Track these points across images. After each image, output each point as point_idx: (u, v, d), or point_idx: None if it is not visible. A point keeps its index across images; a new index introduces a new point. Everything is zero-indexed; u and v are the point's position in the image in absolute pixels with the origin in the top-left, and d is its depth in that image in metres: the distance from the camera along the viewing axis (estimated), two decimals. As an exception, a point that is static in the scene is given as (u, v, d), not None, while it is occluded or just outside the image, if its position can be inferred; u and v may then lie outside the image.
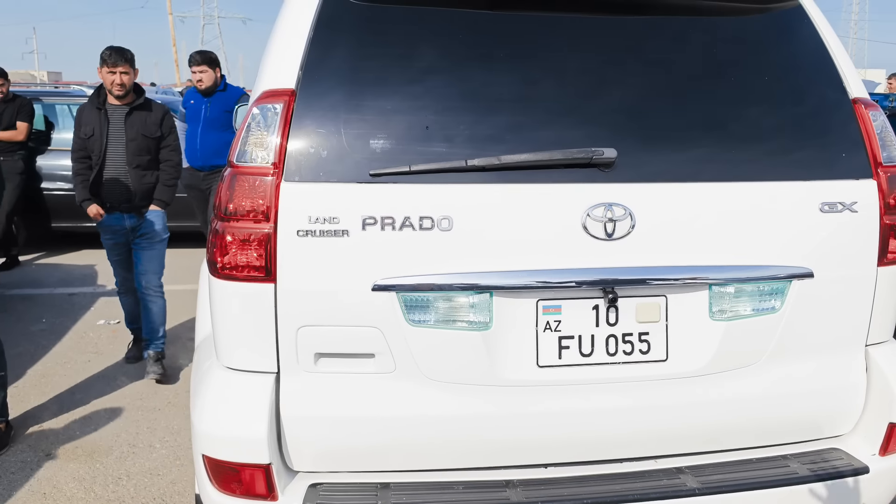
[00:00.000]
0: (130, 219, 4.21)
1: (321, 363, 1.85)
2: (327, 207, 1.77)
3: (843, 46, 2.07)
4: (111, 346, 4.89)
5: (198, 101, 5.82)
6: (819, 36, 2.05)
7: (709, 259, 1.89)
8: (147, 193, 4.22)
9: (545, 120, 1.87)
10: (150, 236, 4.24)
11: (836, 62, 2.03)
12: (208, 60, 5.72)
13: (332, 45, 1.84)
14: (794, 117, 1.98)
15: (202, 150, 5.76)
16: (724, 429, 2.01)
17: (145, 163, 4.17)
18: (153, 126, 4.17)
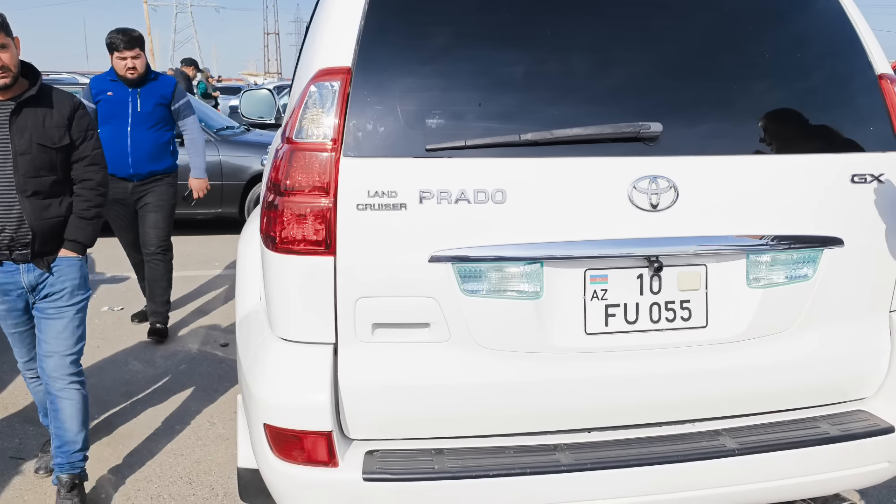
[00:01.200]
0: (28, 272, 2.73)
1: (378, 333, 1.91)
2: (385, 181, 1.82)
3: (867, 24, 2.15)
4: (117, 331, 4.90)
5: (120, 94, 4.48)
6: (846, 14, 2.13)
7: (746, 229, 1.97)
8: (52, 233, 2.74)
9: (594, 95, 1.94)
10: (59, 298, 2.77)
11: (862, 40, 2.11)
12: (139, 42, 4.49)
13: (387, 22, 1.89)
14: (825, 93, 2.07)
15: (134, 154, 4.48)
16: (758, 392, 2.09)
17: (47, 187, 2.70)
18: (56, 130, 2.70)
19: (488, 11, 1.95)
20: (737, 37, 2.06)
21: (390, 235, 1.84)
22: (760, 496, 2.09)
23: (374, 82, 1.85)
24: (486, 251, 1.86)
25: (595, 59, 1.96)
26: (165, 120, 4.65)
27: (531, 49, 1.94)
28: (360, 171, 1.82)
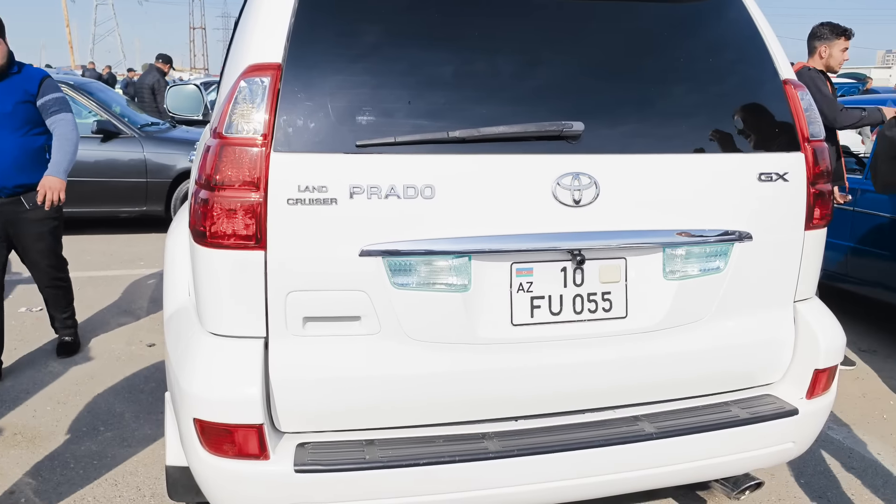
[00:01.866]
0: None
1: (309, 327, 1.93)
2: (316, 177, 1.85)
3: (773, 32, 2.29)
4: (36, 332, 4.74)
5: None
6: (755, 24, 2.26)
7: (663, 224, 2.08)
8: None
9: (519, 95, 2.00)
10: None
11: (769, 47, 2.25)
12: None
13: (317, 19, 1.92)
14: (736, 96, 2.19)
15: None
16: (675, 379, 2.20)
17: None
18: None
19: (418, 11, 2.00)
20: (655, 42, 2.17)
21: (321, 230, 1.86)
22: (677, 477, 2.20)
23: (304, 78, 1.88)
24: (415, 245, 1.90)
25: (521, 60, 2.03)
26: (35, 121, 3.88)
27: (460, 49, 2.00)
28: (290, 166, 1.84)
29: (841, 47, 4.42)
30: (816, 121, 2.26)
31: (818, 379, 2.30)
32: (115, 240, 7.21)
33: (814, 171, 2.23)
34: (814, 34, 4.52)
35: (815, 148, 2.24)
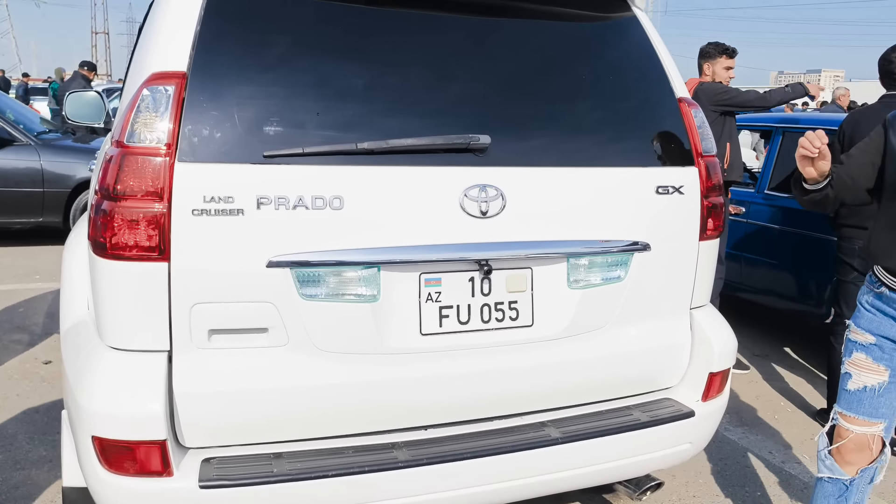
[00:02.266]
0: None
1: (214, 339, 1.90)
2: (222, 187, 1.82)
3: (669, 53, 2.41)
4: (-80, 351, 4.46)
5: None
6: (651, 43, 2.37)
7: (567, 234, 2.15)
8: None
9: (428, 108, 2.04)
10: None
11: (664, 66, 2.36)
12: None
13: (224, 28, 1.90)
14: (635, 112, 2.29)
15: None
16: (579, 385, 2.28)
17: None
18: None
19: (328, 23, 2.01)
20: (560, 60, 2.25)
21: (227, 241, 1.84)
22: (582, 480, 2.27)
23: (210, 88, 1.85)
24: (324, 256, 1.90)
25: (430, 74, 2.07)
26: None
27: (370, 62, 2.02)
28: (195, 176, 1.81)
29: (724, 65, 4.68)
30: (709, 137, 2.39)
31: (712, 382, 2.42)
32: (8, 252, 6.85)
33: (707, 185, 2.35)
34: (701, 53, 4.81)
35: (707, 163, 2.36)
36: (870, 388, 2.25)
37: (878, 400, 2.25)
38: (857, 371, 2.27)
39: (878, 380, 2.24)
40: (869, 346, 2.26)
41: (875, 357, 2.25)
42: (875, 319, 2.26)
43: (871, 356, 2.26)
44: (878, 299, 2.26)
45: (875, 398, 2.25)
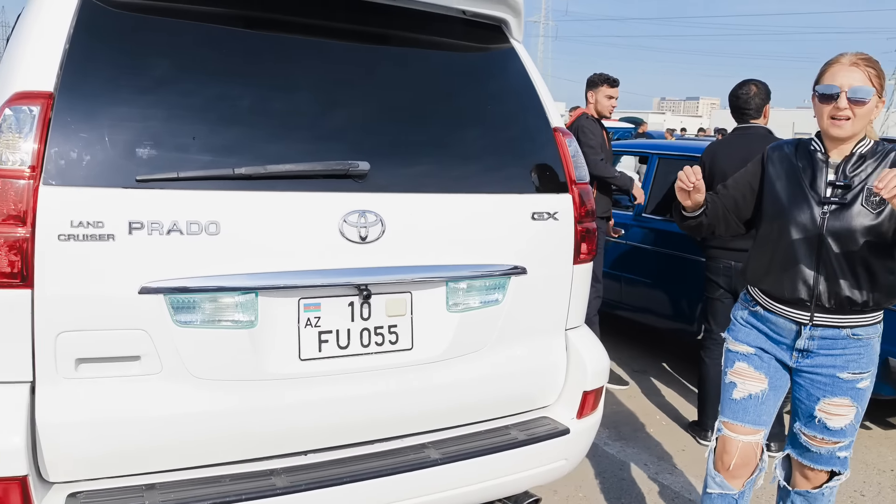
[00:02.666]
0: None
1: (82, 369, 1.83)
2: (91, 211, 1.77)
3: (544, 83, 2.53)
4: None
5: None
6: (528, 74, 2.48)
7: (446, 259, 2.20)
8: None
9: (307, 134, 2.05)
10: None
11: (540, 97, 2.47)
12: None
13: (94, 48, 1.85)
14: (512, 141, 2.38)
15: None
16: (459, 406, 2.33)
17: None
18: None
19: (206, 46, 1.99)
20: (440, 89, 2.31)
21: (97, 267, 1.79)
22: (462, 500, 2.31)
23: (79, 109, 1.80)
24: (199, 282, 1.88)
25: (310, 100, 2.09)
26: None
27: (248, 86, 2.01)
28: (62, 200, 1.75)
29: (605, 93, 4.91)
30: (582, 166, 2.51)
31: (587, 400, 2.52)
32: None
33: (580, 211, 2.47)
34: (586, 82, 5.03)
35: (580, 190, 2.48)
36: (754, 396, 2.40)
37: (761, 408, 2.41)
38: (741, 380, 2.42)
39: (759, 387, 2.40)
40: (749, 356, 2.42)
41: (755, 366, 2.41)
42: (751, 333, 2.43)
43: (751, 365, 2.41)
44: (752, 316, 2.42)
45: (758, 406, 2.40)
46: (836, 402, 2.30)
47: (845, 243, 2.21)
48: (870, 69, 2.19)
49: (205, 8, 2.02)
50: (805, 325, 2.30)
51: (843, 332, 2.28)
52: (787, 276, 2.29)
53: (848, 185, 2.24)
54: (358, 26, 2.22)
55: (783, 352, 2.38)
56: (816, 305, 2.27)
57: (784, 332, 2.36)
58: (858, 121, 2.19)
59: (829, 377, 2.30)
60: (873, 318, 2.31)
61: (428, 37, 2.34)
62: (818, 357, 2.31)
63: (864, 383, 2.32)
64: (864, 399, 2.34)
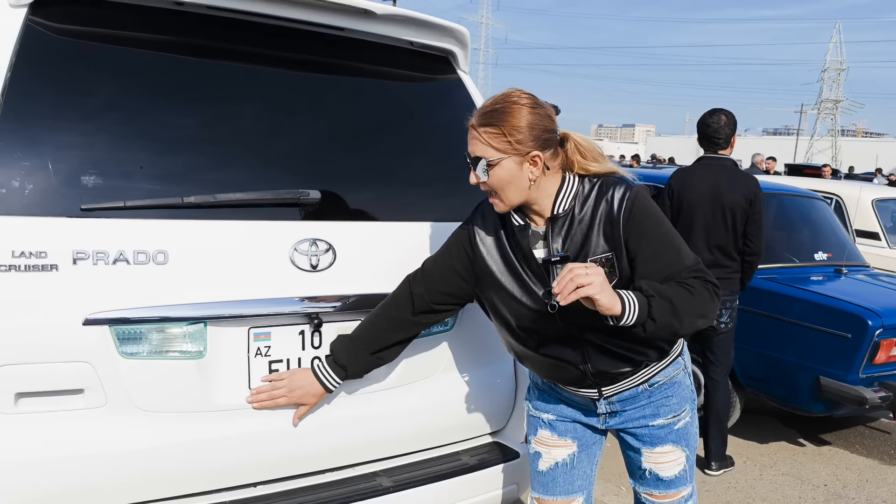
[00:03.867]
0: None
1: (22, 403, 1.78)
2: (33, 241, 1.73)
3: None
4: None
5: None
6: (474, 103, 2.52)
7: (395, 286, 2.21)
8: None
9: (258, 163, 2.05)
10: None
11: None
12: None
13: (37, 76, 1.82)
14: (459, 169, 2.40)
15: None
16: (410, 433, 2.32)
17: None
18: None
19: (154, 74, 1.98)
20: (389, 118, 2.34)
21: (39, 298, 1.74)
22: (414, 528, 2.30)
23: (22, 137, 1.76)
24: (145, 312, 1.84)
25: (261, 128, 2.08)
26: None
27: (197, 114, 2.00)
28: (3, 229, 1.71)
29: None
30: None
31: None
32: None
33: None
34: None
35: None
36: (561, 464, 2.15)
37: (572, 473, 2.16)
38: (546, 448, 2.17)
39: (566, 452, 2.15)
40: (551, 423, 2.16)
41: (559, 432, 2.15)
42: (550, 399, 2.17)
43: (555, 432, 2.16)
44: (546, 384, 2.17)
45: (568, 472, 2.16)
46: (659, 450, 2.08)
47: (594, 323, 1.81)
48: (485, 129, 1.80)
49: (152, 36, 2.01)
50: (597, 399, 2.05)
51: (640, 388, 2.02)
52: (556, 368, 1.99)
53: (566, 256, 1.86)
54: (309, 55, 2.24)
55: (588, 418, 2.13)
56: (596, 382, 1.99)
57: (581, 403, 2.11)
58: (508, 191, 1.82)
59: (643, 428, 2.07)
60: (668, 360, 2.03)
61: (377, 67, 2.37)
62: (625, 413, 2.07)
63: (682, 423, 2.07)
64: (690, 438, 2.10)
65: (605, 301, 1.67)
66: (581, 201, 1.87)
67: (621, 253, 1.84)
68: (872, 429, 5.15)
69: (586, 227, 1.86)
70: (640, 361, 1.96)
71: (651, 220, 1.85)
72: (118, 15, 1.97)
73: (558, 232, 1.87)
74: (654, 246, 1.84)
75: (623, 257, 1.84)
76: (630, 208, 1.83)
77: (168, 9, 2.03)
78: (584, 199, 1.87)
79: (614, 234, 1.84)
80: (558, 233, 1.87)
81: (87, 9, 1.94)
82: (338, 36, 2.29)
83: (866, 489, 4.15)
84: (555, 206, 1.87)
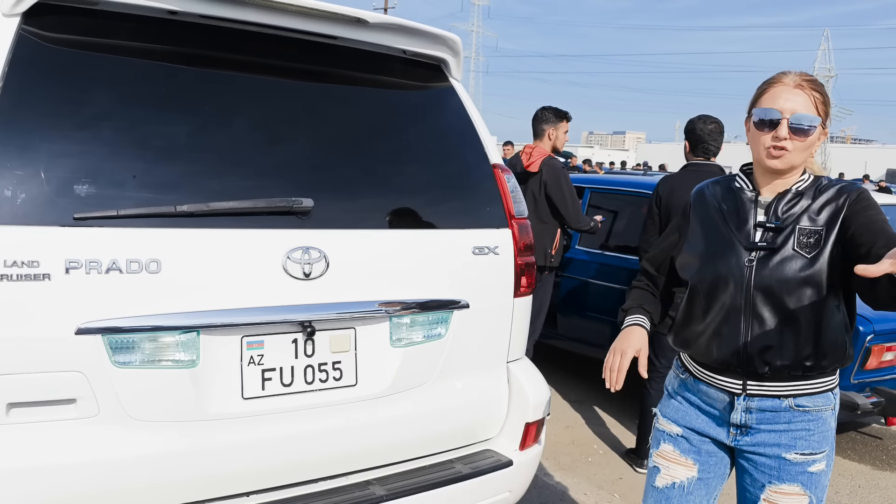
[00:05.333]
0: None
1: (14, 413, 1.77)
2: (25, 251, 1.72)
3: (483, 121, 2.59)
4: None
5: None
6: (467, 112, 2.53)
7: (390, 294, 2.21)
8: None
9: (250, 171, 2.04)
10: None
11: (479, 134, 2.53)
12: None
13: (30, 85, 1.82)
14: (453, 178, 2.43)
15: None
16: (404, 441, 2.32)
17: None
18: None
19: (147, 82, 1.98)
20: (383, 126, 2.35)
21: (31, 308, 1.74)
22: (407, 537, 2.30)
23: (14, 146, 1.76)
24: (138, 321, 1.84)
25: (254, 136, 2.09)
26: None
27: (190, 123, 2.00)
28: None
29: (564, 129, 4.95)
30: (521, 201, 2.57)
31: (529, 431, 2.55)
32: None
33: (519, 245, 2.52)
34: (541, 118, 4.93)
35: (519, 224, 2.53)
36: (678, 485, 2.06)
37: (687, 498, 2.06)
38: (666, 464, 2.08)
39: (687, 474, 2.05)
40: (676, 438, 2.08)
41: (683, 449, 2.06)
42: (681, 408, 2.09)
43: (678, 448, 2.07)
44: (682, 386, 2.10)
45: (683, 497, 2.06)
46: (785, 489, 1.93)
47: (777, 295, 1.87)
48: (815, 93, 1.89)
49: (145, 45, 2.01)
50: (738, 395, 1.96)
51: (784, 403, 1.92)
52: (714, 337, 1.96)
53: (779, 226, 1.90)
54: (301, 64, 2.24)
55: (719, 428, 2.02)
56: (748, 372, 1.93)
57: (717, 403, 2.01)
58: (799, 153, 1.88)
59: (773, 458, 1.94)
60: (821, 386, 1.93)
61: (370, 75, 2.38)
62: (759, 434, 1.95)
63: (818, 466, 1.92)
64: (820, 487, 1.95)
65: None
66: (808, 187, 1.95)
67: (832, 230, 1.88)
68: (864, 434, 5.17)
69: (804, 207, 1.92)
70: (805, 366, 1.90)
71: (874, 207, 1.88)
72: (111, 24, 1.97)
73: (784, 204, 1.94)
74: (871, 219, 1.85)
75: (833, 233, 1.88)
76: (856, 198, 1.90)
77: (161, 18, 2.03)
78: (813, 187, 1.95)
79: (832, 216, 1.89)
80: (784, 205, 1.94)
81: (80, 18, 1.94)
82: (330, 44, 2.30)
83: (859, 494, 4.16)
84: (794, 183, 1.95)
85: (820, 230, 1.88)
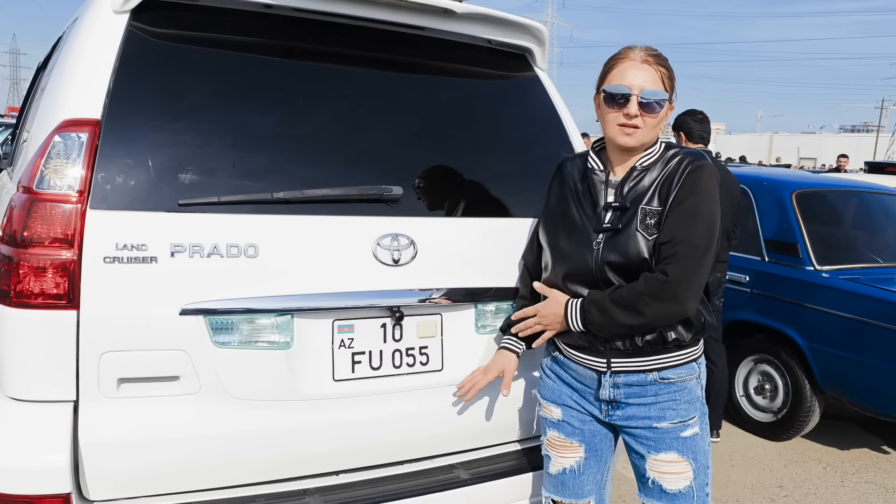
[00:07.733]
0: None
1: (123, 388, 1.87)
2: (135, 235, 1.82)
3: (567, 110, 2.58)
4: None
5: None
6: (551, 101, 2.53)
7: (475, 282, 2.24)
8: None
9: (342, 160, 2.10)
10: None
11: (564, 122, 2.53)
12: None
13: (139, 76, 1.91)
14: (537, 166, 2.43)
15: None
16: (487, 427, 2.35)
17: None
18: None
19: (245, 75, 2.05)
20: (469, 116, 2.37)
21: (140, 289, 1.83)
22: (489, 521, 2.33)
23: (125, 136, 1.86)
24: (237, 304, 1.92)
25: (345, 126, 2.14)
26: None
27: (286, 113, 2.07)
28: (108, 223, 1.81)
29: None
30: None
31: None
32: None
33: None
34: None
35: None
36: (569, 470, 2.14)
37: (581, 479, 2.14)
38: (554, 452, 2.16)
39: (574, 458, 2.13)
40: (559, 423, 2.14)
41: (567, 433, 2.13)
42: (555, 387, 2.16)
43: (562, 433, 2.14)
44: (554, 363, 2.17)
45: (577, 478, 2.14)
46: (662, 457, 2.00)
47: (625, 274, 1.93)
48: (662, 69, 1.92)
49: (242, 38, 2.09)
50: (604, 372, 2.02)
51: (649, 377, 1.99)
52: None
53: (625, 206, 1.95)
54: (390, 55, 2.29)
55: (591, 404, 2.09)
56: (610, 349, 1.99)
57: (585, 380, 2.08)
58: (651, 129, 1.92)
59: (647, 429, 2.01)
60: (683, 357, 2.00)
61: (456, 65, 2.40)
62: (630, 408, 2.02)
63: (690, 431, 2.00)
64: (699, 451, 2.02)
65: None
66: (660, 160, 1.98)
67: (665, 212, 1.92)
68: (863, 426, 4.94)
69: (651, 183, 1.95)
70: (661, 340, 1.96)
71: (699, 190, 1.90)
72: (211, 18, 2.06)
73: (629, 183, 1.97)
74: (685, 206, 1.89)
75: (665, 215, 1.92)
76: (688, 172, 1.92)
77: (258, 12, 2.11)
78: (661, 159, 1.98)
79: (670, 192, 1.92)
80: (629, 184, 1.97)
81: (183, 13, 2.03)
82: (418, 35, 2.34)
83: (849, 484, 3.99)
84: (639, 159, 1.98)
85: (660, 210, 1.92)
